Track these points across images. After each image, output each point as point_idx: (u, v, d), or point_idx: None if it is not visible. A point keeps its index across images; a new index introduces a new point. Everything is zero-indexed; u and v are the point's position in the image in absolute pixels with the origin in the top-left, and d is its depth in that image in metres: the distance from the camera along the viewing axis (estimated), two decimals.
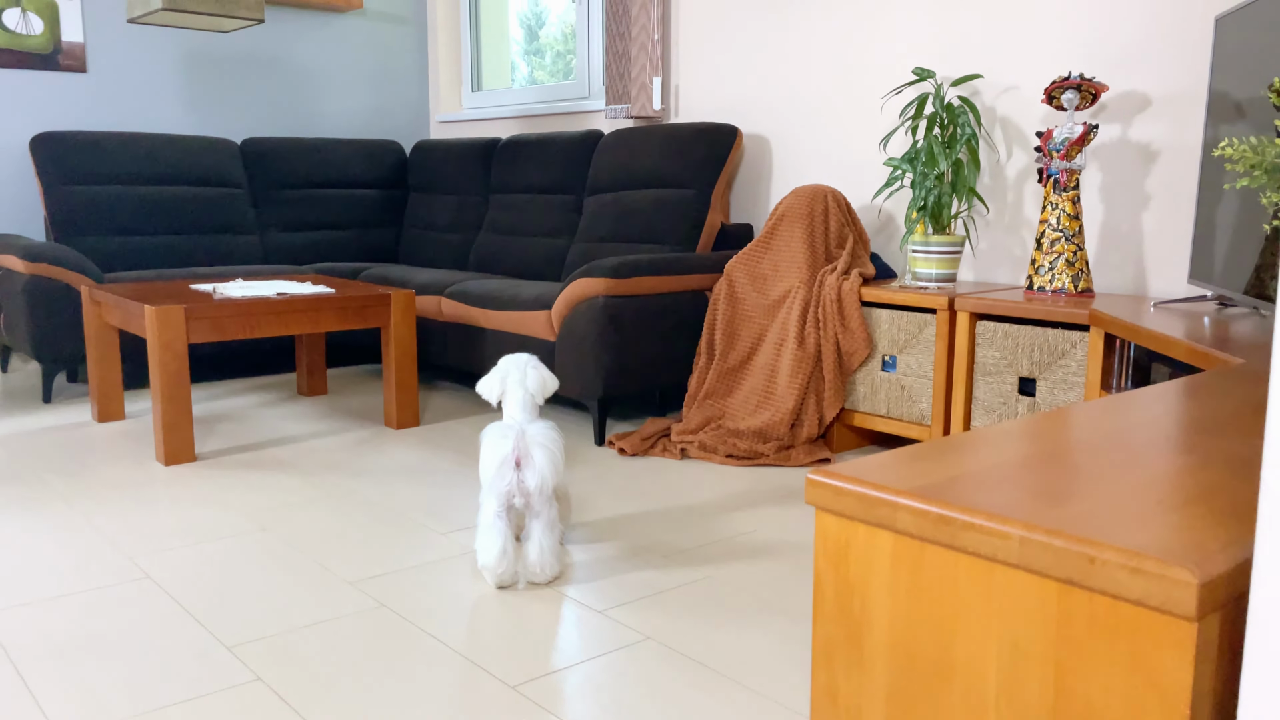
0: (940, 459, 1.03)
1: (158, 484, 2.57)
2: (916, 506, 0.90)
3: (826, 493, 0.99)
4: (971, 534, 0.86)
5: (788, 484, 2.59)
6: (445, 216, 4.38)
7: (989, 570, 0.86)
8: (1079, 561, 0.79)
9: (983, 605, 0.87)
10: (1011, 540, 0.84)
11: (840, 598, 1.00)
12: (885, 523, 0.94)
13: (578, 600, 1.87)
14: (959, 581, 0.88)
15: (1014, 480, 0.94)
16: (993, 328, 2.51)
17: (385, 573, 2.00)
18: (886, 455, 1.04)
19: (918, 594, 0.92)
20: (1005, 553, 0.84)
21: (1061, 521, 0.83)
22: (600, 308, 2.85)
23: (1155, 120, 2.56)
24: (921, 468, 0.99)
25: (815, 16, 3.31)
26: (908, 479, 0.96)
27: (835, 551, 1.00)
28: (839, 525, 0.99)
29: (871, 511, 0.95)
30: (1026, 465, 1.00)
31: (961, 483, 0.94)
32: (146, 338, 2.73)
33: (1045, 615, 0.83)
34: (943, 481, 0.95)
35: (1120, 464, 1.00)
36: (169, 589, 1.91)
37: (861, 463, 1.02)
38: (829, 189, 2.97)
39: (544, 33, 4.70)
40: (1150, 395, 1.32)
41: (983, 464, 1.00)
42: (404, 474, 2.67)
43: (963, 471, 0.98)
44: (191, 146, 4.12)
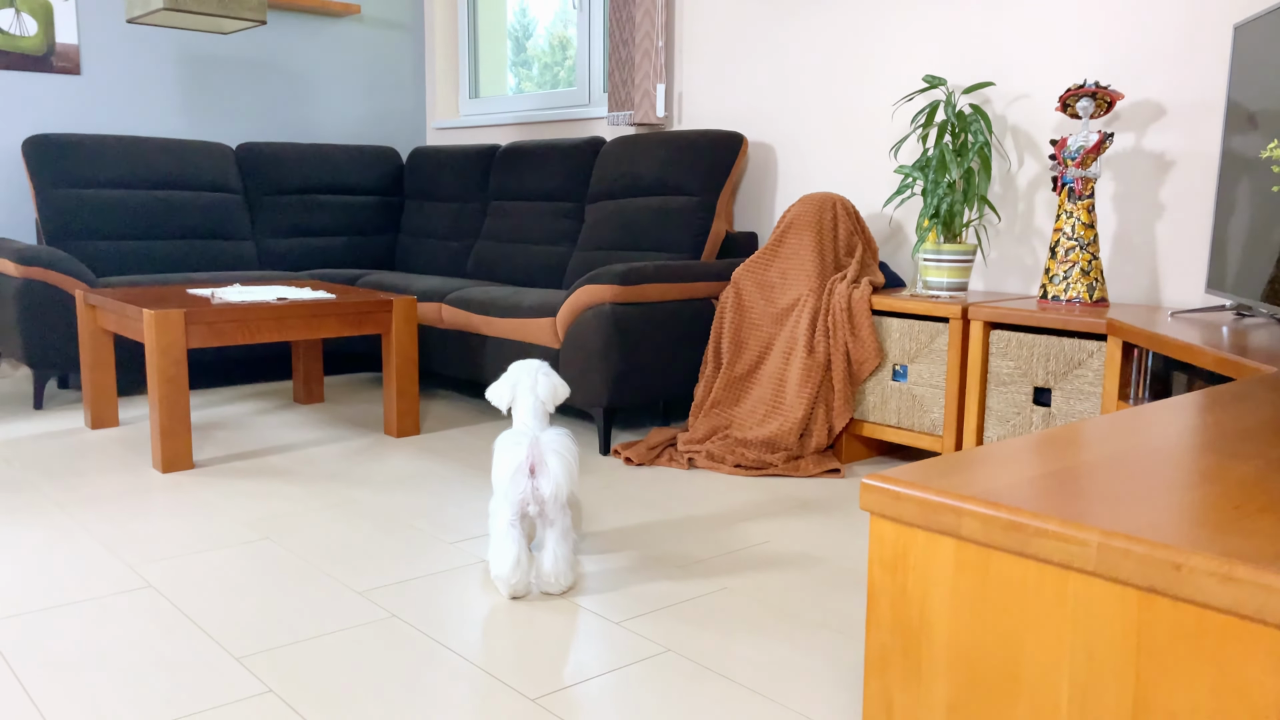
0: (999, 464, 0.99)
1: (156, 492, 2.51)
2: (984, 512, 0.87)
3: (884, 498, 0.95)
4: (1044, 540, 0.83)
5: (798, 494, 2.55)
6: (443, 223, 4.33)
7: (1062, 578, 0.82)
8: (1163, 569, 0.76)
9: (1055, 615, 0.83)
10: (1089, 547, 0.80)
11: (896, 607, 0.96)
12: (948, 529, 0.90)
13: (593, 611, 1.83)
14: (1029, 590, 0.85)
15: (1082, 485, 0.91)
16: (1007, 337, 2.49)
17: (394, 582, 1.95)
18: (938, 461, 1.01)
19: (983, 603, 0.88)
20: (1082, 560, 0.81)
21: (1140, 528, 0.80)
22: (607, 315, 2.82)
23: (1170, 129, 2.55)
24: (980, 473, 0.96)
25: (821, 24, 3.29)
26: (969, 484, 0.92)
27: (892, 558, 0.96)
28: (896, 531, 0.95)
29: (932, 517, 0.91)
30: (1091, 470, 0.96)
31: (1026, 488, 0.91)
32: (144, 343, 2.68)
33: (1124, 625, 0.79)
34: (1006, 486, 0.92)
35: (1187, 469, 0.97)
36: (173, 599, 1.86)
37: (917, 468, 0.99)
38: (837, 197, 2.95)
39: (531, 44, 4.67)
40: (1196, 402, 1.29)
41: (1045, 469, 0.97)
42: (407, 482, 2.62)
43: (1025, 476, 0.95)
44: (186, 151, 4.06)
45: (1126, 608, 0.79)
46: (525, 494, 1.84)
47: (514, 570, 1.84)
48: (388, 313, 3.02)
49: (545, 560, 1.88)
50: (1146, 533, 0.79)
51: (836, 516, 2.38)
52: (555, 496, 1.84)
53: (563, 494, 1.84)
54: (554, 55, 4.56)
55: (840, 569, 2.05)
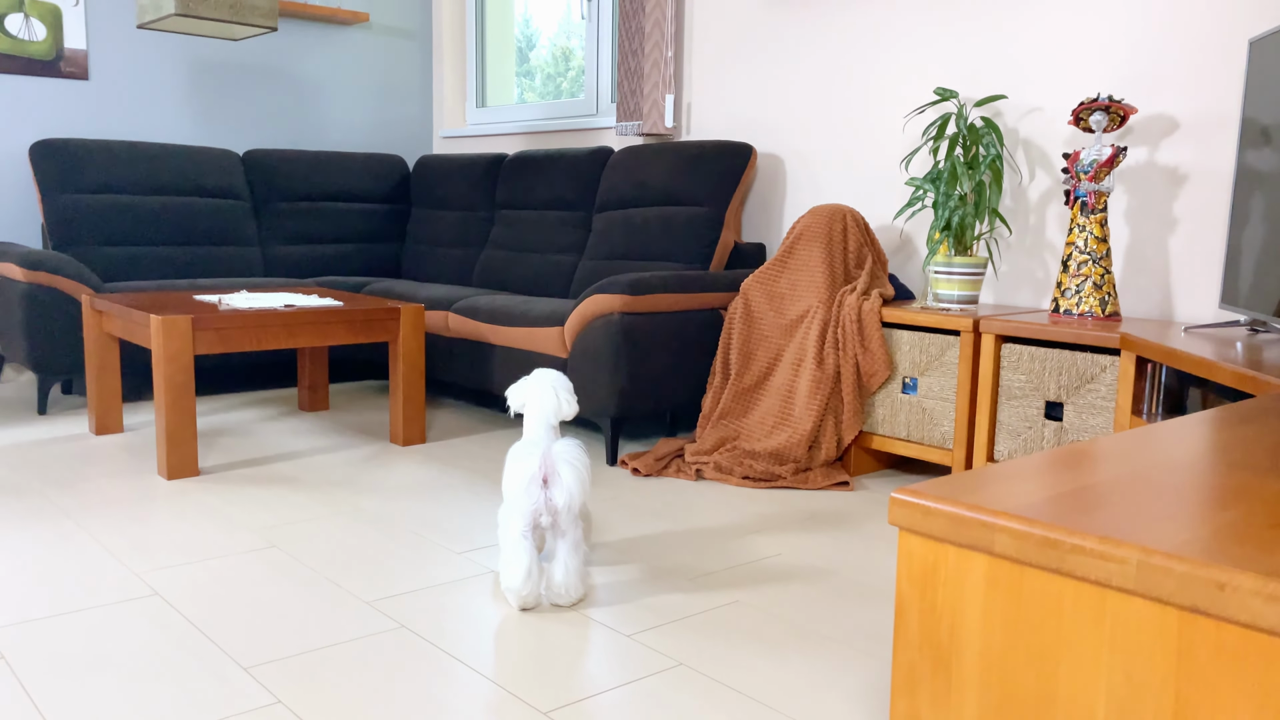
0: (1028, 479, 0.98)
1: (161, 498, 2.50)
2: (1018, 528, 0.85)
3: (913, 512, 0.94)
4: (1081, 558, 0.81)
5: (807, 507, 2.54)
6: (449, 232, 4.33)
7: (1100, 597, 0.81)
8: (1206, 588, 0.75)
9: (1092, 634, 0.82)
10: (1128, 565, 0.79)
11: (926, 624, 0.95)
12: (980, 545, 0.89)
13: (604, 624, 1.81)
14: (1064, 608, 0.83)
15: (1114, 501, 0.90)
16: (1019, 350, 2.48)
17: (403, 592, 1.93)
18: (967, 475, 1.00)
19: (1016, 621, 0.87)
20: (1121, 578, 0.79)
21: (1179, 545, 0.78)
22: (615, 325, 2.80)
23: (1183, 143, 2.54)
24: (1011, 487, 0.95)
25: (832, 36, 3.29)
26: (1001, 499, 0.91)
27: (921, 575, 0.94)
28: (926, 547, 0.94)
29: (964, 533, 0.90)
30: (1122, 487, 0.95)
31: (1059, 503, 0.90)
32: (151, 349, 2.66)
33: (1165, 645, 0.78)
34: (1039, 502, 0.90)
35: (1219, 486, 0.95)
36: (179, 606, 1.84)
37: (945, 482, 0.97)
38: (847, 209, 2.94)
39: (534, 55, 4.67)
40: (1219, 418, 1.28)
41: (1075, 485, 0.96)
42: (414, 491, 2.60)
43: (1056, 492, 0.93)
44: (193, 156, 4.06)
45: (1166, 627, 0.78)
46: (538, 504, 1.82)
47: (525, 581, 1.82)
48: (395, 320, 3.01)
49: (556, 572, 1.86)
50: (1186, 551, 0.77)
51: (847, 529, 2.37)
52: (568, 507, 1.82)
53: (575, 505, 1.83)
54: (557, 66, 4.57)
55: (852, 583, 2.03)
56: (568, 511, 1.83)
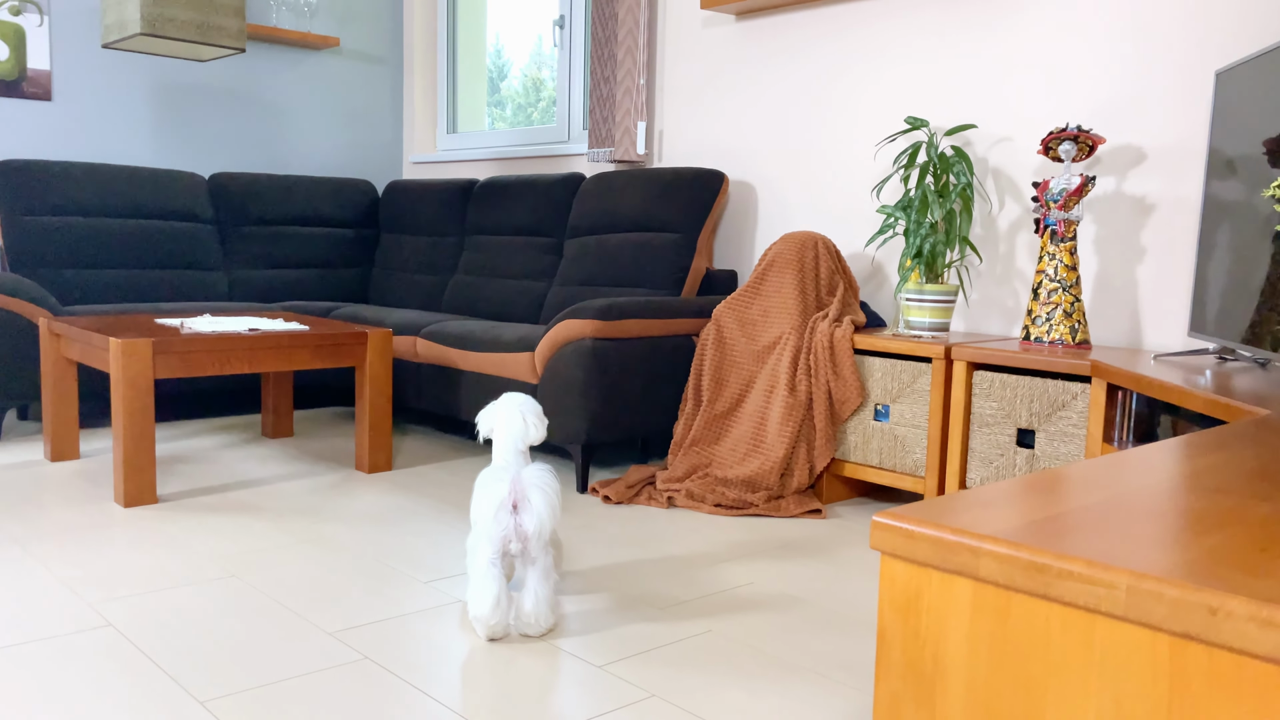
0: (1011, 503, 0.96)
1: (117, 527, 2.42)
2: (1004, 553, 0.83)
3: (896, 537, 0.91)
4: (1069, 583, 0.79)
5: (780, 535, 2.51)
6: (418, 257, 4.29)
7: (1089, 623, 0.79)
8: (1198, 613, 0.73)
9: (1080, 661, 0.80)
10: (1118, 590, 0.77)
11: (909, 652, 0.92)
12: (965, 570, 0.86)
13: (574, 654, 1.77)
14: (1052, 635, 0.81)
15: (1102, 526, 0.88)
16: (990, 378, 2.48)
17: (367, 623, 1.88)
18: (950, 498, 0.97)
19: (1002, 649, 0.85)
20: (1110, 604, 0.77)
21: (1169, 570, 0.76)
22: (587, 350, 2.77)
23: (1151, 174, 2.57)
24: (995, 511, 0.93)
25: (804, 64, 3.31)
26: (986, 522, 0.89)
27: (904, 601, 0.92)
28: (909, 572, 0.91)
29: (949, 557, 0.87)
30: (1107, 511, 0.93)
31: (1048, 527, 0.88)
32: (110, 373, 2.60)
33: (1155, 672, 0.76)
34: (1025, 525, 0.88)
35: (1205, 511, 0.94)
36: (134, 638, 1.77)
37: (928, 505, 0.95)
38: (819, 235, 2.94)
39: (505, 85, 4.67)
40: (1196, 444, 1.27)
41: (1060, 509, 0.94)
42: (379, 519, 2.55)
43: (1043, 516, 0.91)
44: (157, 179, 4.00)
45: (1158, 654, 0.76)
46: (508, 531, 1.78)
47: (493, 611, 1.77)
48: (363, 345, 2.96)
49: (526, 600, 1.82)
50: (1176, 575, 0.75)
51: (820, 558, 2.34)
52: (538, 533, 1.78)
53: (546, 531, 1.79)
54: (528, 96, 4.56)
55: (827, 611, 2.00)
56: (538, 538, 1.79)
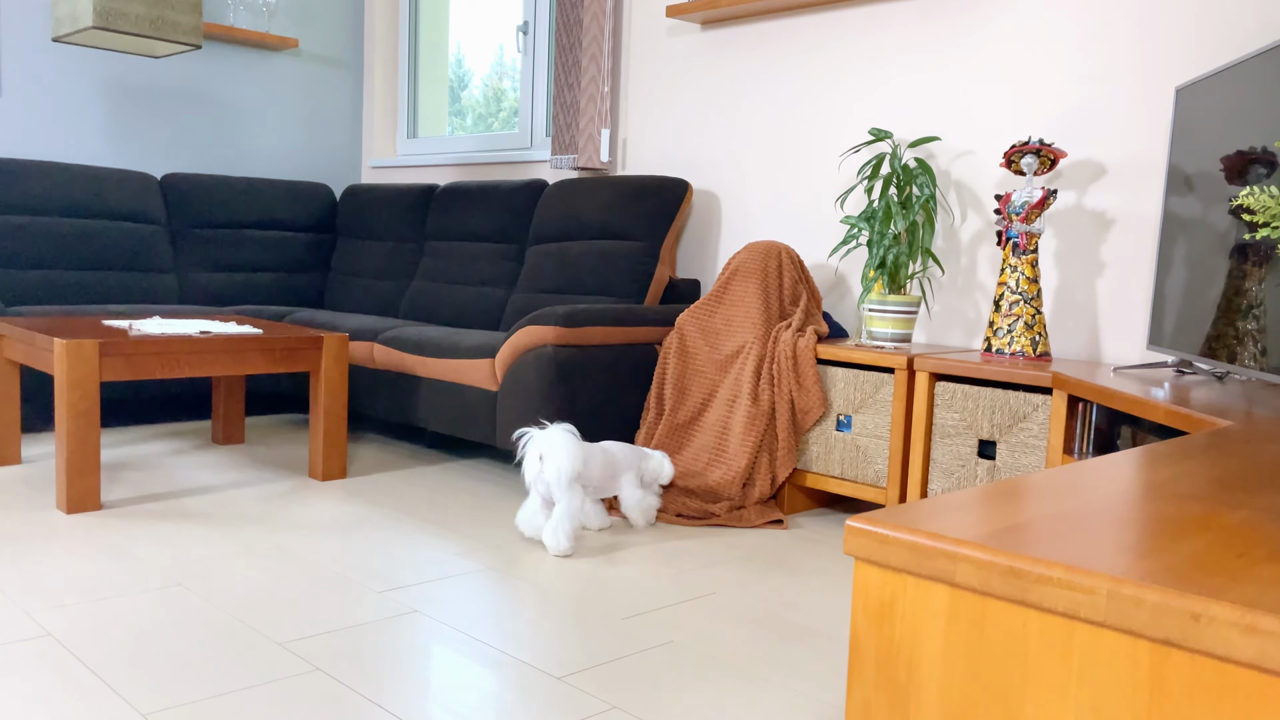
0: (987, 508, 0.94)
1: (59, 534, 2.34)
2: (981, 557, 0.81)
3: (870, 542, 0.89)
4: (1048, 588, 0.77)
5: (742, 544, 2.49)
6: (376, 263, 4.22)
7: (1068, 629, 0.77)
8: (1180, 619, 0.71)
9: (1059, 669, 0.78)
10: (1098, 595, 0.75)
11: (883, 660, 0.90)
12: (941, 575, 0.84)
13: (533, 665, 1.73)
14: (1030, 642, 0.79)
15: (1080, 531, 0.86)
16: (952, 389, 2.48)
17: (318, 633, 1.82)
18: (925, 503, 0.96)
19: (978, 656, 0.83)
20: (1089, 609, 0.75)
21: (1149, 575, 0.75)
22: (549, 357, 2.74)
23: (1111, 188, 2.59)
24: (975, 515, 0.91)
25: (769, 75, 3.31)
26: (965, 527, 0.87)
27: (878, 608, 0.90)
28: (883, 579, 0.89)
29: (925, 563, 0.85)
30: (1083, 518, 0.92)
31: (1024, 532, 0.86)
32: (54, 375, 2.51)
33: (1136, 680, 0.74)
34: (1002, 530, 0.86)
35: (1179, 518, 0.93)
36: (73, 649, 1.70)
37: (903, 510, 0.93)
38: (782, 245, 2.94)
39: (466, 95, 4.64)
40: (1163, 453, 1.27)
41: (1035, 514, 0.92)
42: (332, 528, 2.49)
43: (1020, 521, 0.90)
44: (107, 178, 3.90)
45: (1138, 661, 0.74)
46: (537, 478, 2.34)
47: (523, 519, 2.41)
48: (317, 350, 2.90)
49: (547, 531, 2.32)
50: (1158, 581, 0.74)
51: (781, 569, 2.32)
52: (558, 480, 2.29)
53: (564, 478, 2.29)
54: (488, 106, 4.53)
55: (789, 623, 1.98)
56: (558, 483, 2.30)
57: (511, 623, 1.92)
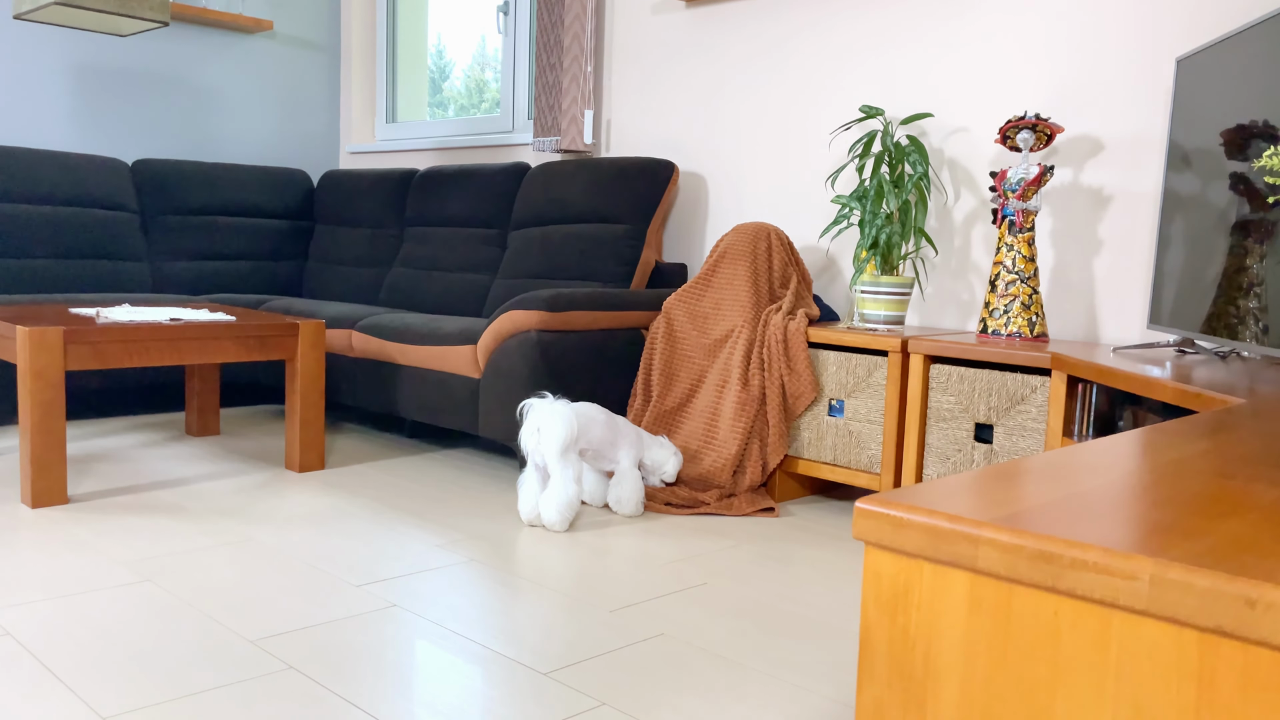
0: (1010, 487, 0.87)
1: (22, 529, 2.24)
2: (1006, 540, 0.74)
3: (883, 525, 0.82)
4: (1082, 573, 0.70)
5: (733, 532, 2.41)
6: (355, 250, 4.12)
7: (1105, 618, 0.70)
8: (1233, 605, 0.64)
9: (1094, 662, 0.71)
10: (1139, 581, 0.68)
11: (896, 653, 0.83)
12: (961, 561, 0.77)
13: (518, 661, 1.65)
14: (1061, 633, 0.72)
15: (1112, 511, 0.79)
16: (948, 371, 2.41)
17: (292, 630, 1.74)
18: (941, 483, 0.88)
19: (1003, 649, 0.75)
20: (1130, 596, 0.68)
21: (1196, 558, 0.68)
22: (532, 343, 2.66)
23: (1108, 164, 2.53)
24: (994, 496, 0.83)
25: (756, 52, 3.23)
26: (985, 508, 0.80)
27: (891, 597, 0.82)
28: (897, 565, 0.82)
29: (944, 547, 0.78)
30: (1116, 496, 0.85)
31: (1049, 513, 0.79)
32: (17, 364, 2.41)
33: (1182, 672, 0.67)
34: (1025, 511, 0.79)
35: (1212, 497, 0.86)
36: (33, 648, 1.61)
37: (919, 490, 0.86)
38: (771, 227, 2.86)
39: (448, 86, 4.54)
40: (1183, 431, 1.20)
41: (1063, 493, 0.85)
42: (308, 520, 2.40)
43: (1044, 501, 0.83)
44: (77, 164, 3.79)
45: (1185, 652, 0.67)
46: (533, 450, 2.33)
47: (523, 505, 2.39)
48: (293, 337, 2.80)
49: (543, 502, 2.34)
50: (1205, 563, 0.67)
51: (773, 558, 2.25)
52: (552, 452, 2.29)
53: (557, 450, 2.29)
54: (471, 98, 4.43)
55: (782, 614, 1.91)
56: (553, 456, 2.30)
57: (495, 616, 1.84)
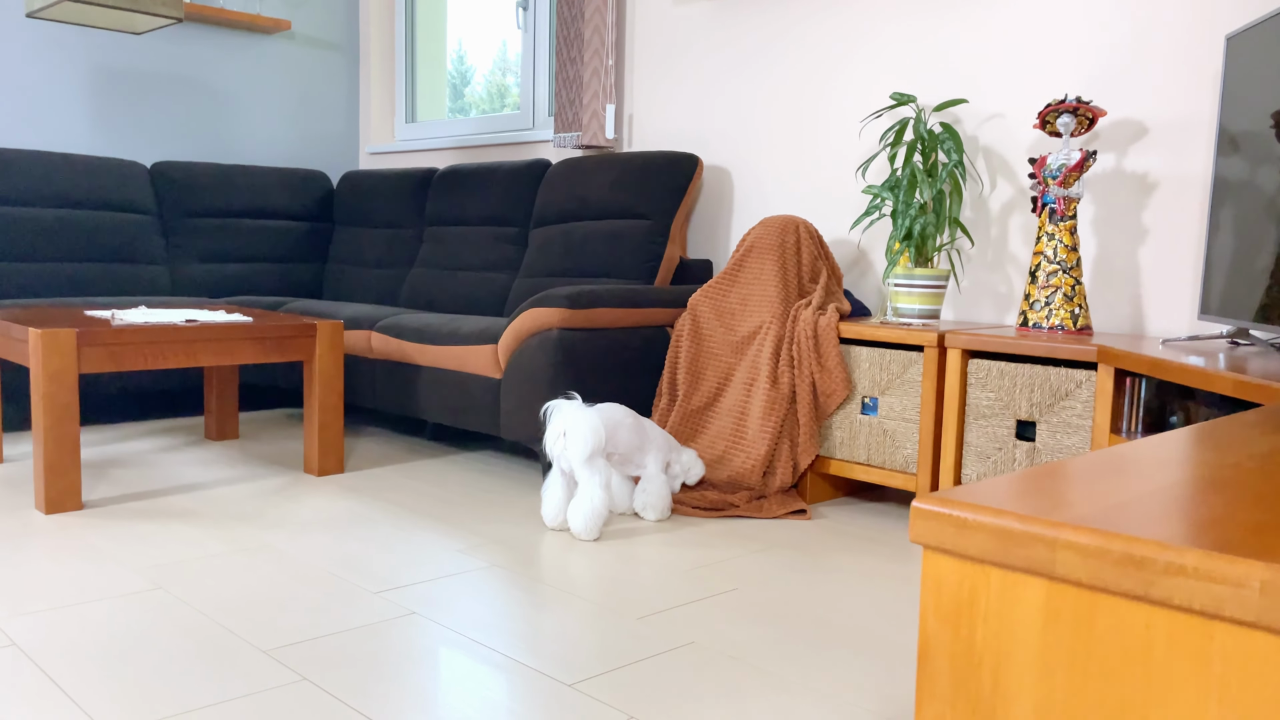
0: (1081, 484, 0.78)
1: (36, 535, 2.19)
2: (1088, 543, 0.65)
3: (944, 526, 0.73)
4: (1180, 580, 0.61)
5: (763, 537, 2.33)
6: (375, 251, 4.07)
7: (1206, 631, 0.61)
8: None
9: (1195, 681, 0.62)
10: (1248, 588, 0.59)
11: (960, 669, 0.74)
12: (1037, 566, 0.68)
13: (542, 672, 1.57)
14: (1155, 647, 0.63)
15: (1203, 510, 0.70)
16: (987, 366, 2.31)
17: (306, 639, 1.67)
18: (1003, 480, 0.80)
19: (1085, 666, 0.67)
20: (1237, 606, 0.59)
21: None
22: (554, 341, 2.58)
23: (1153, 148, 2.42)
24: (1065, 494, 0.75)
25: (781, 40, 3.14)
26: (1057, 506, 0.71)
27: (954, 607, 0.74)
28: (961, 571, 0.73)
29: (1015, 551, 0.69)
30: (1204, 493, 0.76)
31: (1131, 511, 0.70)
32: (30, 367, 2.37)
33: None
34: (1105, 509, 0.70)
35: None
36: (39, 659, 1.55)
37: (981, 487, 0.77)
38: (800, 220, 2.77)
39: (469, 91, 4.48)
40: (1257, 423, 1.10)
41: (1142, 490, 0.76)
42: (326, 525, 2.34)
43: (1123, 498, 0.74)
44: (95, 167, 3.75)
45: None
46: (559, 456, 2.27)
47: (547, 512, 2.32)
48: (311, 338, 2.74)
49: (570, 511, 2.26)
50: None
51: (806, 562, 2.16)
52: (579, 459, 2.22)
53: (583, 457, 2.22)
54: (492, 103, 4.37)
55: (818, 620, 1.82)
56: (579, 463, 2.23)
57: (517, 624, 1.76)
